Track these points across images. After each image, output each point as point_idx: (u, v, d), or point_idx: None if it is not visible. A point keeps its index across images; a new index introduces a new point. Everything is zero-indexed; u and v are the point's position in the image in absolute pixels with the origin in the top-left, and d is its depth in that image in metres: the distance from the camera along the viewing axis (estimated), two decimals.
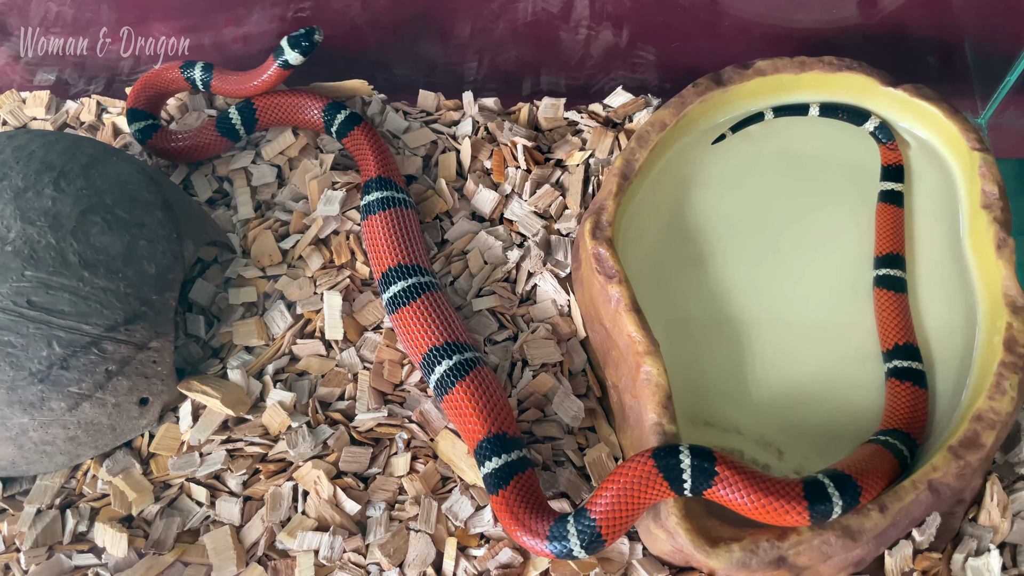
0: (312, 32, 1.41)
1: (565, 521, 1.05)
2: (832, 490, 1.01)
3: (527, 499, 1.09)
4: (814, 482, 1.01)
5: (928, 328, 1.25)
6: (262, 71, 1.44)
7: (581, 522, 1.03)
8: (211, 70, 1.47)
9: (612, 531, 1.03)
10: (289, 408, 1.24)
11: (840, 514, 1.01)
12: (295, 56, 1.41)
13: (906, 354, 1.20)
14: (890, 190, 1.32)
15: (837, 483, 1.01)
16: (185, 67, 1.48)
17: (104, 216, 1.18)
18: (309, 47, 1.41)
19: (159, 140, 1.47)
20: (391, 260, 1.30)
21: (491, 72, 1.66)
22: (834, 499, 1.00)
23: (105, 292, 1.15)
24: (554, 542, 1.05)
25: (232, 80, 1.47)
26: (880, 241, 1.30)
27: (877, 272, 1.28)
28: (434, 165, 1.51)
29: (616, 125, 1.55)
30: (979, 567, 1.09)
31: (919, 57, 1.62)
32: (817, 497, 1.00)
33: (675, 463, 1.01)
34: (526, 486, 1.10)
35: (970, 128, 1.29)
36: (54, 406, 1.13)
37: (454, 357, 1.20)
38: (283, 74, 1.44)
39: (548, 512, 1.08)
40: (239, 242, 1.42)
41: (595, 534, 1.03)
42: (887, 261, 1.27)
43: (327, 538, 1.14)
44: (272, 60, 1.43)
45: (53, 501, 1.20)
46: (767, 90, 1.38)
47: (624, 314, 1.17)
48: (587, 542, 1.03)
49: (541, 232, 1.41)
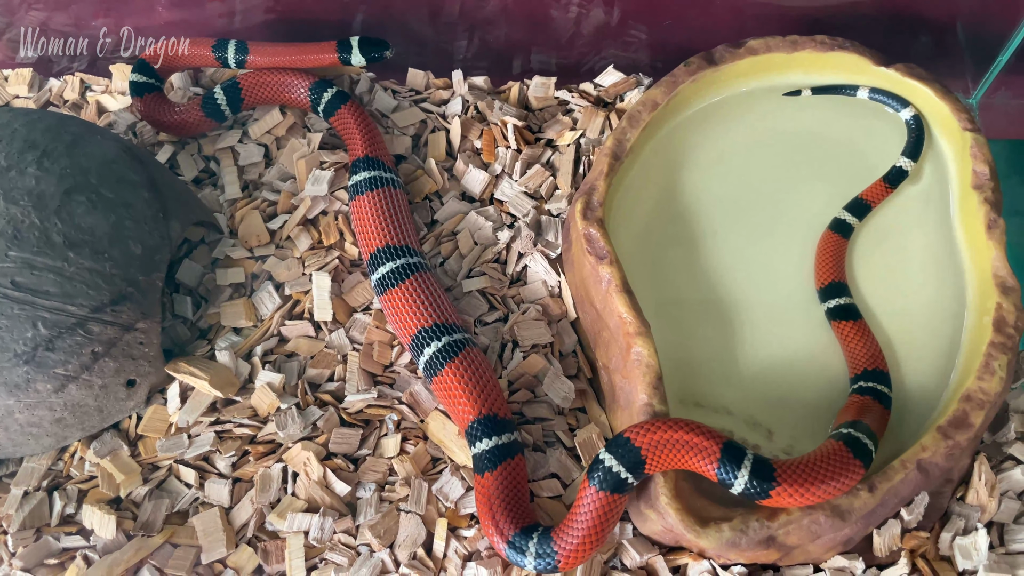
0: (386, 48, 1.42)
1: (529, 536, 1.06)
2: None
3: (508, 492, 1.10)
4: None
5: (917, 309, 1.25)
6: (318, 52, 1.43)
7: (542, 546, 1.05)
8: (245, 51, 1.45)
9: (569, 563, 1.05)
10: (278, 389, 1.23)
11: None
12: (359, 60, 1.41)
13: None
14: (843, 220, 1.29)
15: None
16: (217, 47, 1.45)
17: (89, 196, 1.17)
18: (376, 59, 1.42)
19: (150, 102, 1.45)
20: (380, 241, 1.29)
21: (481, 50, 1.64)
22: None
23: (91, 272, 1.13)
24: (512, 550, 1.07)
25: (275, 51, 1.45)
26: (821, 272, 1.27)
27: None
28: (423, 145, 1.50)
29: (607, 105, 1.54)
30: (967, 546, 1.10)
31: (911, 37, 1.62)
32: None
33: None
34: (511, 477, 1.11)
35: (962, 108, 1.29)
36: (40, 388, 1.12)
37: (443, 338, 1.19)
38: (336, 65, 1.44)
39: (522, 514, 1.09)
40: (226, 222, 1.41)
41: (551, 563, 1.05)
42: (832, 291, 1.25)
43: (317, 519, 1.14)
44: (334, 49, 1.41)
45: (40, 483, 1.19)
46: (759, 69, 1.38)
47: (615, 295, 1.16)
48: (542, 566, 1.05)
49: (532, 213, 1.40)
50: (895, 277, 1.28)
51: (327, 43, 1.43)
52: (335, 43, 1.42)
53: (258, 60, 1.45)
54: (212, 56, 1.46)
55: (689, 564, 1.11)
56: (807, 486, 1.00)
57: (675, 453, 1.01)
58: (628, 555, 1.12)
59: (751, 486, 0.99)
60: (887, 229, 1.31)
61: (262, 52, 1.45)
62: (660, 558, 1.12)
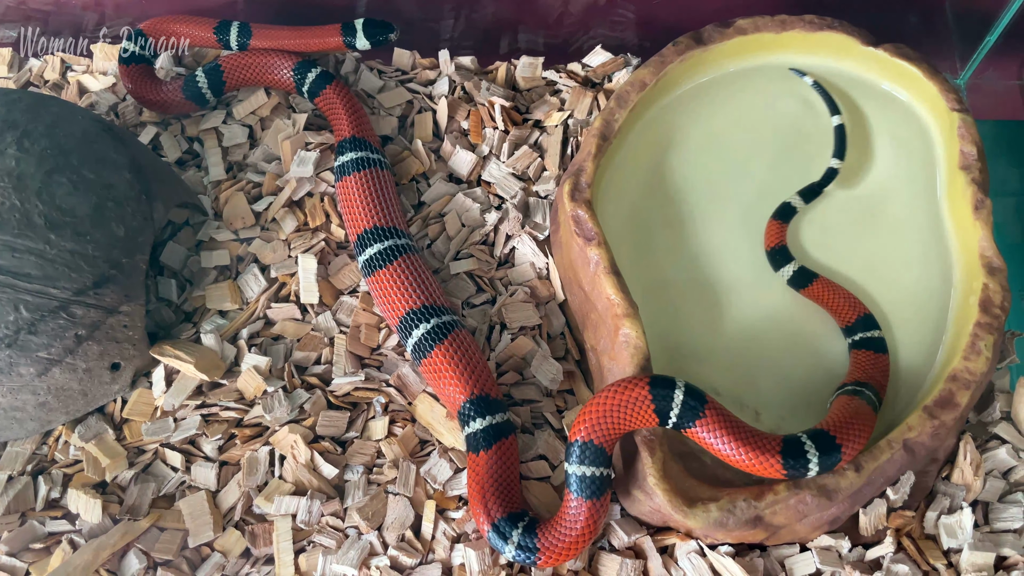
0: (390, 30, 1.41)
1: (515, 525, 1.07)
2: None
3: (500, 472, 1.10)
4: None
5: (904, 289, 1.25)
6: (322, 35, 1.42)
7: (526, 538, 1.06)
8: (249, 34, 1.43)
9: (550, 561, 1.06)
10: (264, 372, 1.23)
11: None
12: (363, 43, 1.40)
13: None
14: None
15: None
16: (219, 29, 1.44)
17: (70, 177, 1.15)
18: (381, 43, 1.41)
19: (135, 74, 1.43)
20: (367, 222, 1.28)
21: (468, 29, 1.63)
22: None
23: (72, 255, 1.12)
24: (495, 534, 1.07)
25: (278, 35, 1.44)
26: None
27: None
28: (410, 125, 1.49)
29: (595, 85, 1.53)
30: (952, 525, 1.11)
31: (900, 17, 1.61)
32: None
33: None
34: (504, 457, 1.11)
35: (950, 88, 1.29)
36: (23, 371, 1.11)
37: (432, 320, 1.19)
38: (341, 49, 1.43)
39: (511, 498, 1.09)
40: (211, 204, 1.39)
41: (531, 559, 1.06)
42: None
43: (304, 502, 1.14)
44: (339, 32, 1.40)
45: (25, 467, 1.18)
46: (748, 49, 1.37)
47: (603, 276, 1.16)
48: (521, 558, 1.06)
49: (519, 194, 1.39)
50: (882, 257, 1.28)
51: (331, 26, 1.41)
52: (339, 26, 1.41)
53: (261, 43, 1.44)
54: (214, 37, 1.44)
55: (677, 544, 1.12)
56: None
57: (619, 418, 1.03)
58: (616, 536, 1.13)
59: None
60: (874, 209, 1.31)
61: (266, 35, 1.44)
62: (648, 538, 1.12)
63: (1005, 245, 1.18)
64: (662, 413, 1.02)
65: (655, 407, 1.02)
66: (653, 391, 1.02)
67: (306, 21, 1.46)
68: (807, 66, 1.38)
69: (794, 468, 1.00)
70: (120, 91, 1.51)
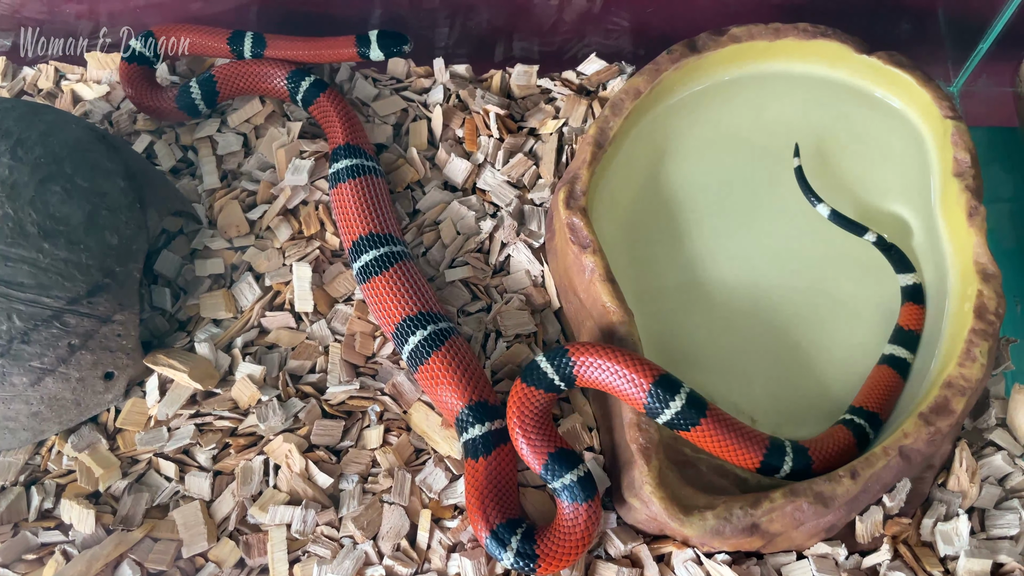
0: (404, 42, 1.40)
1: (512, 531, 1.06)
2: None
3: (499, 478, 1.10)
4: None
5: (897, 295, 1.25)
6: (336, 46, 1.41)
7: (524, 545, 1.05)
8: (263, 44, 1.43)
9: (549, 568, 1.05)
10: (259, 381, 1.22)
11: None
12: (377, 54, 1.39)
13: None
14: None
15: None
16: (233, 39, 1.43)
17: (64, 185, 1.15)
18: (395, 54, 1.41)
19: (133, 74, 1.43)
20: (362, 229, 1.27)
21: (462, 38, 1.63)
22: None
23: (66, 263, 1.11)
24: (494, 540, 1.06)
25: (292, 45, 1.43)
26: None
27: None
28: (405, 134, 1.49)
29: (590, 93, 1.53)
30: (948, 532, 1.11)
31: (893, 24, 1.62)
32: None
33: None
34: (503, 463, 1.11)
35: (943, 96, 1.29)
36: (16, 381, 1.10)
37: (428, 327, 1.18)
38: (355, 60, 1.43)
39: (509, 504, 1.09)
40: (205, 212, 1.39)
41: (530, 567, 1.05)
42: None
43: (299, 512, 1.13)
44: (353, 43, 1.40)
45: (17, 478, 1.17)
46: (742, 57, 1.37)
47: (598, 284, 1.16)
48: (519, 565, 1.05)
49: (514, 202, 1.39)
50: (876, 264, 1.28)
51: (345, 37, 1.41)
52: (354, 37, 1.41)
53: (275, 54, 1.44)
54: (227, 48, 1.44)
55: (673, 552, 1.11)
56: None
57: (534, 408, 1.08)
58: (612, 544, 1.12)
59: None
60: (868, 217, 1.31)
61: (280, 46, 1.43)
62: (644, 547, 1.12)
63: (999, 251, 1.18)
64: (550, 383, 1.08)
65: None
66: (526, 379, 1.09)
67: (303, 31, 1.46)
68: (801, 74, 1.38)
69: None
70: (114, 99, 1.51)
